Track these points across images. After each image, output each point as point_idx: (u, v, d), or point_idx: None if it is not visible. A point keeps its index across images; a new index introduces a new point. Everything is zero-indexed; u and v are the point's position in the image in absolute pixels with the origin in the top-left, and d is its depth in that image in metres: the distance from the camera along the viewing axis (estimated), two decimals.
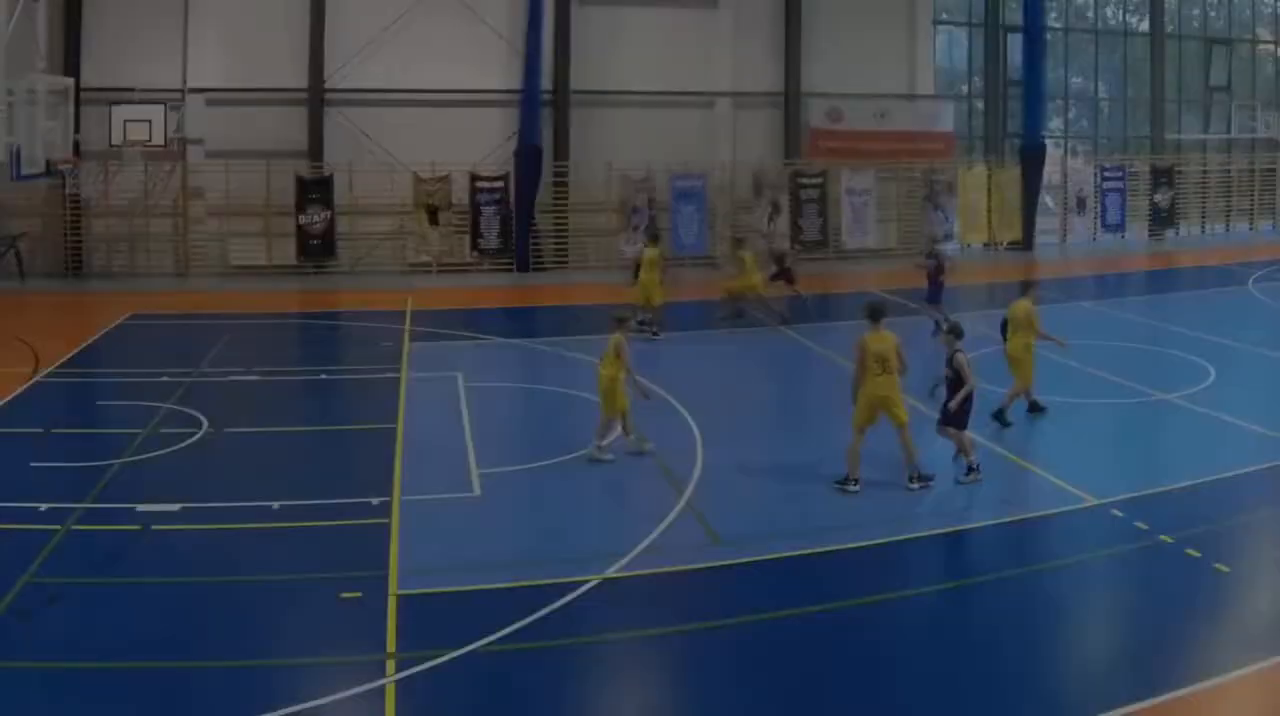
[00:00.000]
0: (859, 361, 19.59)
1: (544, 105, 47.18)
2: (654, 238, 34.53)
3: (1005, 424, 23.35)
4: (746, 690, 13.22)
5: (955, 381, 20.36)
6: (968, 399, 20.31)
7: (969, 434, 20.61)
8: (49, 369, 28.59)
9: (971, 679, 13.48)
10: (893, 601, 15.70)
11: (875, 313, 19.87)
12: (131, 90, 42.89)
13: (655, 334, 32.05)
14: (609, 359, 21.57)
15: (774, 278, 35.22)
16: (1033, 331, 23.62)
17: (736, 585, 16.36)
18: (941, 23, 56.17)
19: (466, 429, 23.29)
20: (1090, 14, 60.66)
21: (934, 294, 32.54)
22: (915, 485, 19.79)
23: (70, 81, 38.86)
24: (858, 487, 19.62)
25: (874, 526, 18.11)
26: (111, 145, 42.34)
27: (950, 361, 20.41)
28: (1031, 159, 53.11)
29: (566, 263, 47.52)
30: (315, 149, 45.56)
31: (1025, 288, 24.75)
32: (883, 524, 18.22)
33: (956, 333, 20.77)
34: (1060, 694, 13.18)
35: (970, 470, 20.28)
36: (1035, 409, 24.13)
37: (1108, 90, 62.22)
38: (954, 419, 20.46)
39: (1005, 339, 24.09)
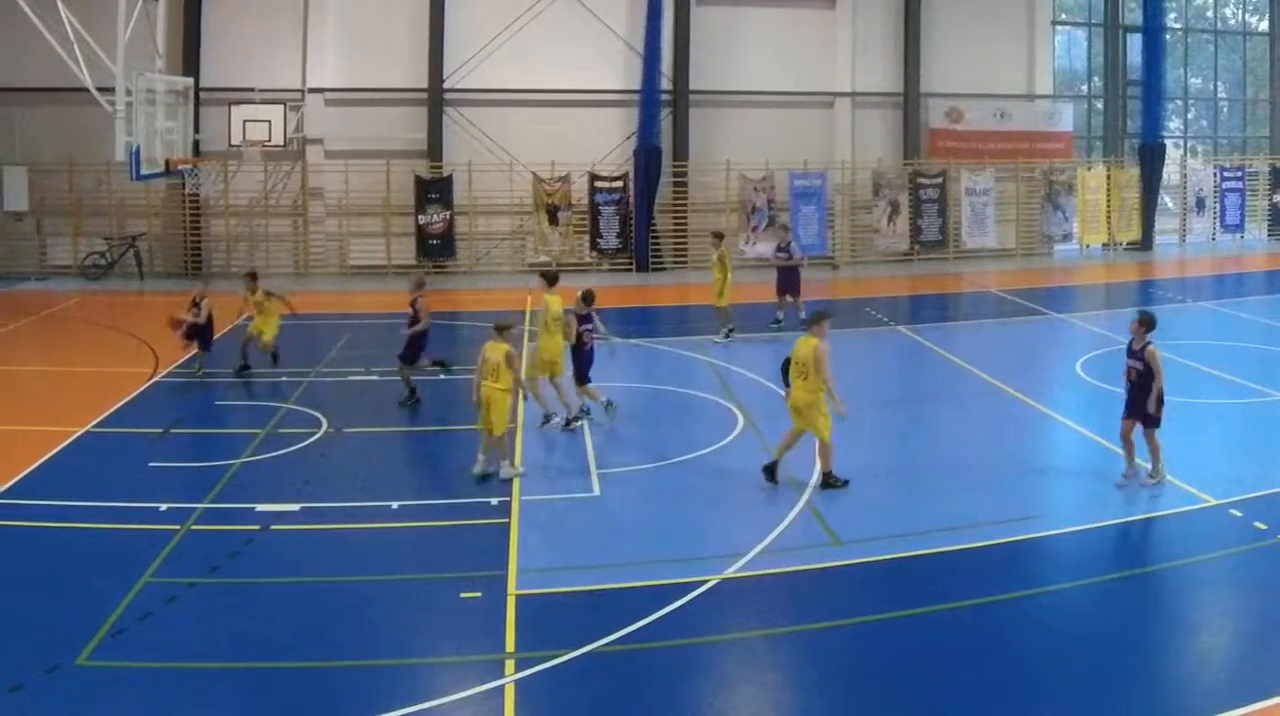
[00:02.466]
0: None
1: (663, 105, 47.34)
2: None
3: (839, 484, 19.94)
4: (866, 693, 13.11)
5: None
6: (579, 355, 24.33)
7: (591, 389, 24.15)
8: (168, 369, 29.06)
9: (1089, 678, 13.24)
10: (1012, 602, 15.51)
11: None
12: (251, 90, 43.57)
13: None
14: (500, 371, 20.43)
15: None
16: (819, 377, 19.39)
17: (856, 586, 16.25)
18: (1061, 23, 55.82)
19: (586, 428, 23.25)
20: (1209, 14, 59.90)
21: (408, 354, 26.76)
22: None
23: (189, 81, 39.24)
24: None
25: (992, 527, 17.93)
26: (231, 145, 43.06)
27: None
28: (1151, 159, 52.62)
29: (686, 263, 47.42)
30: (434, 149, 45.91)
31: (812, 322, 20.22)
32: (1001, 525, 18.03)
33: (582, 305, 24.67)
34: (1177, 693, 13.08)
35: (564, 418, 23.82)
36: (771, 475, 20.16)
37: (1227, 90, 61.40)
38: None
39: (787, 384, 20.13)
